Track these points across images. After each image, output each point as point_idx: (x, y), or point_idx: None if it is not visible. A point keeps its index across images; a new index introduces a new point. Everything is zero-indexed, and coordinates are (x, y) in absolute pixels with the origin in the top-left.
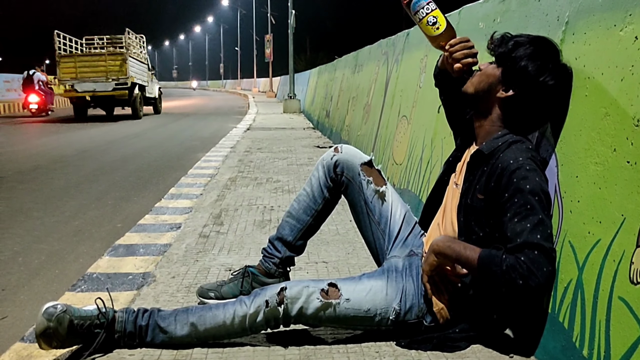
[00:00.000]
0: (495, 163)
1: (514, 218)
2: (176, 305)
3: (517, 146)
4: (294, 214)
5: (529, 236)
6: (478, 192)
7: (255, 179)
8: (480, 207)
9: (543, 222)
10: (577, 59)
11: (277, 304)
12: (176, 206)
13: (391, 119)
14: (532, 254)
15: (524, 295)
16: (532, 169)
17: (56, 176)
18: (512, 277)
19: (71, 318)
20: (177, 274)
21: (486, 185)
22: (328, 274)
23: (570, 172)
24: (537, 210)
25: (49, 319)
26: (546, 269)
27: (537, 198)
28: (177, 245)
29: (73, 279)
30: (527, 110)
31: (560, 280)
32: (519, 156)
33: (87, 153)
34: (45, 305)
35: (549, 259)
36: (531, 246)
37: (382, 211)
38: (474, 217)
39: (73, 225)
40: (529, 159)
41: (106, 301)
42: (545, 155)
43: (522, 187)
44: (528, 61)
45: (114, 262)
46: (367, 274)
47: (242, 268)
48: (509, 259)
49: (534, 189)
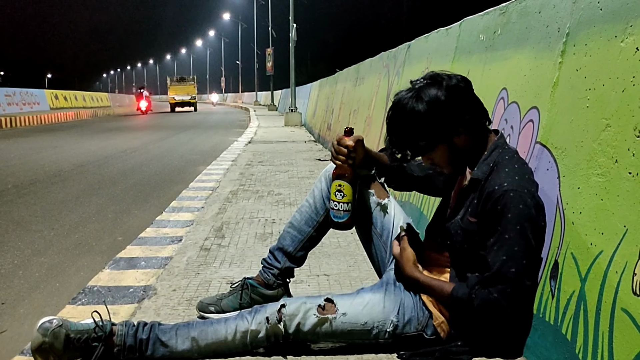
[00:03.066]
0: (485, 185)
1: (493, 246)
2: (177, 319)
3: (504, 166)
4: (296, 224)
5: (503, 267)
6: (469, 215)
7: (257, 192)
8: (473, 230)
9: (519, 253)
10: (578, 70)
11: (277, 321)
12: (177, 219)
13: None
14: (501, 286)
15: (501, 325)
16: (516, 195)
17: (55, 190)
18: (484, 313)
19: (67, 332)
20: (178, 287)
21: (476, 208)
22: (329, 287)
23: (571, 183)
24: (515, 240)
25: (44, 334)
26: (515, 302)
27: (519, 227)
28: (178, 258)
29: (74, 292)
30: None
31: (563, 292)
32: (504, 181)
33: (85, 167)
34: (40, 321)
35: (519, 292)
36: (502, 279)
37: (385, 224)
38: (466, 239)
39: (73, 239)
40: (515, 183)
41: (104, 314)
42: (547, 167)
43: (504, 216)
44: (422, 107)
45: (115, 275)
46: (366, 288)
47: (240, 280)
48: (480, 294)
49: (515, 218)
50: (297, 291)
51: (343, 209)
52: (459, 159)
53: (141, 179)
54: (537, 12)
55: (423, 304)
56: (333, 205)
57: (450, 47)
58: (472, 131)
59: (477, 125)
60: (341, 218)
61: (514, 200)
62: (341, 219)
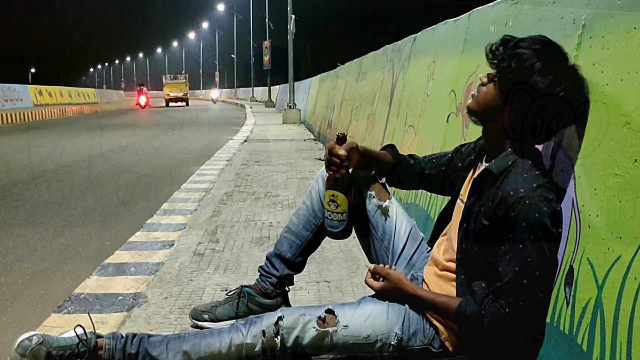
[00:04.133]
0: (499, 188)
1: (505, 255)
2: (169, 328)
3: (522, 169)
4: (293, 229)
5: (515, 279)
6: (483, 217)
7: (253, 194)
8: (485, 233)
9: (532, 264)
10: (594, 65)
11: (274, 335)
12: (169, 222)
13: (397, 129)
14: (513, 299)
15: (513, 341)
16: (532, 203)
17: (39, 191)
18: (496, 330)
19: (48, 350)
20: (170, 295)
21: (490, 211)
22: (330, 294)
23: (588, 184)
24: (529, 250)
25: (23, 354)
26: (527, 316)
27: (533, 237)
28: (170, 264)
29: (59, 300)
30: (538, 123)
31: (579, 300)
32: (520, 187)
33: (71, 167)
34: (19, 338)
35: (532, 304)
36: (514, 291)
37: (386, 227)
38: (476, 242)
39: (58, 243)
40: (531, 190)
41: (89, 326)
42: (561, 167)
43: (518, 224)
44: (536, 76)
45: (103, 281)
46: (368, 297)
47: (237, 288)
48: (491, 309)
49: (530, 227)
50: (296, 299)
51: (337, 219)
52: (489, 116)
53: (130, 179)
54: (551, 2)
55: (428, 318)
56: (327, 214)
57: (459, 39)
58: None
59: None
60: (335, 228)
61: (529, 209)
62: (335, 228)
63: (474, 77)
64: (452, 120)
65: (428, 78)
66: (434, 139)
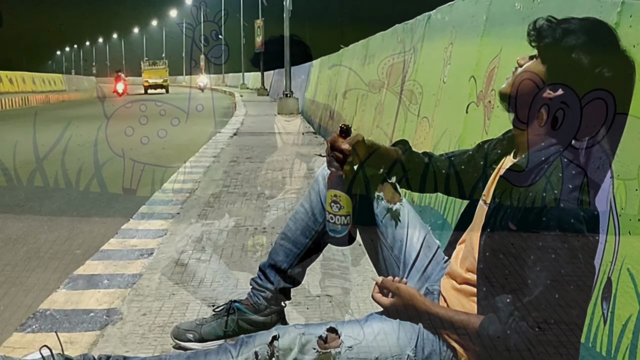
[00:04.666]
0: (529, 188)
1: (535, 265)
2: (148, 349)
3: (558, 167)
4: (290, 235)
5: (546, 293)
6: (509, 220)
7: (244, 195)
8: (512, 240)
9: (566, 277)
10: (635, 47)
11: (268, 357)
12: (148, 228)
13: (409, 121)
14: (543, 316)
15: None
16: (567, 207)
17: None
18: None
19: None
20: (149, 311)
21: (518, 214)
22: (332, 311)
23: (628, 184)
24: (563, 260)
25: None
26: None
27: (567, 245)
28: (148, 275)
29: (22, 317)
30: (579, 113)
31: (617, 317)
32: (554, 187)
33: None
34: None
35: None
36: (545, 306)
37: (396, 234)
38: (501, 249)
39: (21, 252)
40: (568, 190)
41: (56, 347)
42: (597, 165)
43: (551, 230)
44: (580, 53)
45: (72, 295)
46: (376, 314)
47: (226, 303)
48: (518, 328)
49: (564, 234)
50: (294, 316)
51: (340, 223)
52: (524, 102)
53: (104, 178)
54: None
55: (444, 338)
56: (329, 217)
57: (479, 18)
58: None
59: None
60: (338, 233)
61: (564, 213)
62: (338, 233)
63: (497, 61)
64: (472, 111)
65: (444, 62)
66: (451, 132)
